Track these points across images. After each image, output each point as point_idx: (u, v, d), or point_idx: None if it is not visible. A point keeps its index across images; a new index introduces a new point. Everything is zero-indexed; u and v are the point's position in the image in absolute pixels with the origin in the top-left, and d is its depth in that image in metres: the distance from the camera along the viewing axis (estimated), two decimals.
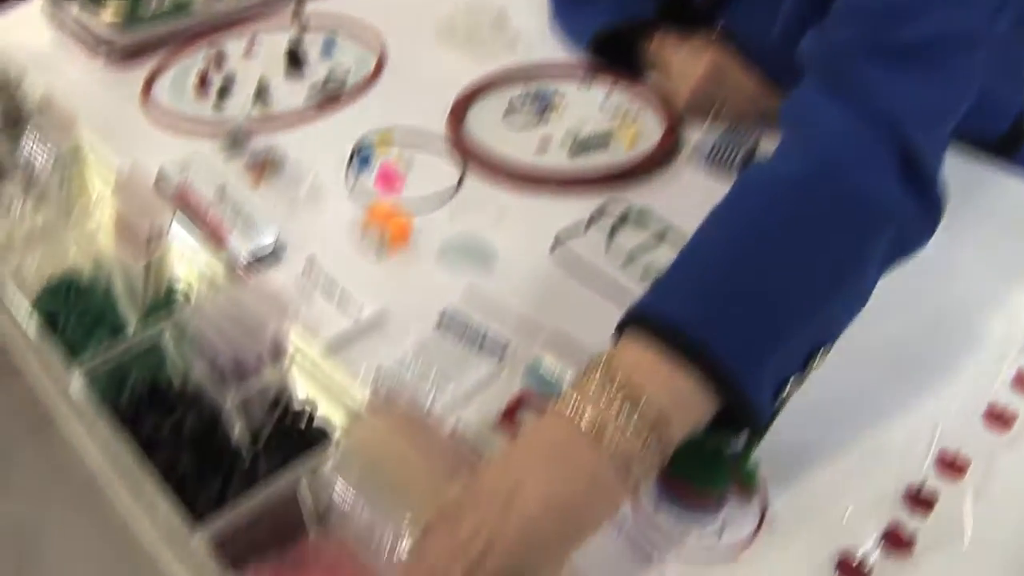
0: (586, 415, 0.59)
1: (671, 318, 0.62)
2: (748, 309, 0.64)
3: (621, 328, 0.65)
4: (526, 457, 0.60)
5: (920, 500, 0.71)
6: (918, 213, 0.72)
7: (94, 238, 0.97)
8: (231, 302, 0.79)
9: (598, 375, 0.60)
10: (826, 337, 0.68)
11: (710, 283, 0.65)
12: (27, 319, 0.89)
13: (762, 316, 0.64)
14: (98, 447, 0.82)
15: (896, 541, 0.68)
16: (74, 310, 0.92)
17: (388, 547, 0.65)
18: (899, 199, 0.70)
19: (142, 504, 0.74)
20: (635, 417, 0.59)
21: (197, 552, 0.69)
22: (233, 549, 0.70)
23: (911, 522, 0.69)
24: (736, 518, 0.70)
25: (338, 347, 0.86)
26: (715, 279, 0.65)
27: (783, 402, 0.67)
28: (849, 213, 0.68)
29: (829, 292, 0.66)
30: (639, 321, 0.64)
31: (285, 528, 0.73)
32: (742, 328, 0.63)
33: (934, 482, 0.72)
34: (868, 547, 0.68)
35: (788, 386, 0.67)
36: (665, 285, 0.67)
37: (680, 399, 0.61)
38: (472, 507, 0.58)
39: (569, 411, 0.60)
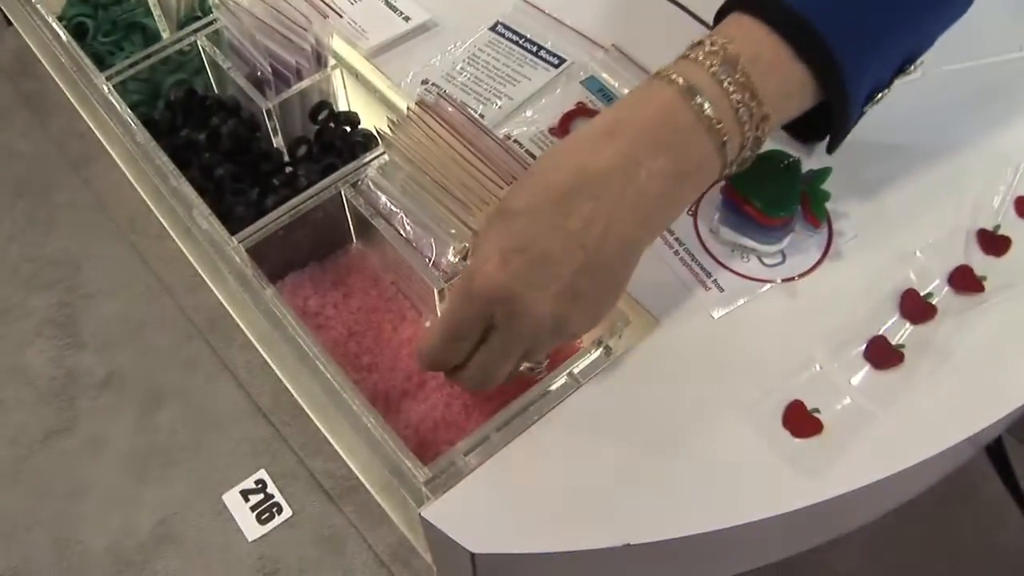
0: (705, 103, 0.55)
1: (793, 6, 0.57)
2: (861, 4, 0.58)
3: (724, 11, 0.60)
4: (640, 139, 0.55)
5: (993, 241, 0.67)
6: None
7: None
8: (269, 6, 0.74)
9: (716, 58, 0.55)
10: (922, 46, 0.63)
11: None
12: (54, 29, 0.84)
13: (874, 12, 0.58)
14: (133, 162, 0.80)
15: (965, 280, 0.65)
16: (104, 19, 0.87)
17: (434, 254, 0.63)
18: None
19: (179, 218, 0.73)
20: (751, 111, 0.55)
21: (235, 262, 0.67)
22: (272, 259, 0.69)
23: (982, 263, 0.66)
24: (801, 246, 0.67)
25: (383, 54, 0.82)
26: None
27: (862, 115, 0.62)
28: None
29: None
30: (749, 6, 0.58)
31: (326, 238, 0.72)
32: (856, 23, 0.58)
33: (1010, 225, 0.68)
34: (936, 283, 0.65)
35: (879, 95, 0.63)
36: None
37: (785, 94, 0.58)
38: (586, 192, 0.53)
39: (683, 93, 0.55)
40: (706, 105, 0.54)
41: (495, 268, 0.52)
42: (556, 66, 0.79)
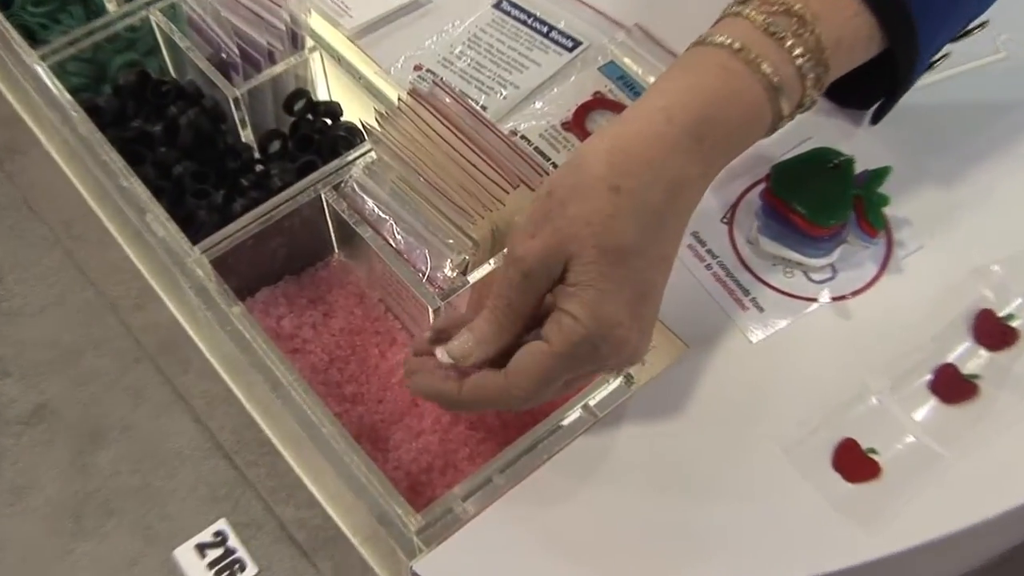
0: (784, 103, 0.58)
1: None
2: None
3: None
4: (725, 145, 0.57)
5: None
6: None
7: None
8: None
9: (803, 47, 0.58)
10: (982, 8, 0.67)
11: None
12: None
13: None
14: (73, 156, 0.81)
15: None
16: None
17: (428, 268, 0.64)
18: None
19: (128, 222, 0.73)
20: (813, 100, 0.59)
21: (196, 276, 0.68)
22: (240, 273, 0.70)
23: None
24: (854, 259, 0.68)
25: (370, 35, 0.83)
26: None
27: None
28: None
29: None
30: None
31: (304, 249, 0.73)
32: None
33: None
34: (1018, 303, 0.65)
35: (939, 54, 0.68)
36: None
37: (850, 61, 0.61)
38: (677, 209, 0.56)
39: (770, 93, 0.57)
40: (784, 106, 0.58)
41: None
42: (570, 49, 0.80)
